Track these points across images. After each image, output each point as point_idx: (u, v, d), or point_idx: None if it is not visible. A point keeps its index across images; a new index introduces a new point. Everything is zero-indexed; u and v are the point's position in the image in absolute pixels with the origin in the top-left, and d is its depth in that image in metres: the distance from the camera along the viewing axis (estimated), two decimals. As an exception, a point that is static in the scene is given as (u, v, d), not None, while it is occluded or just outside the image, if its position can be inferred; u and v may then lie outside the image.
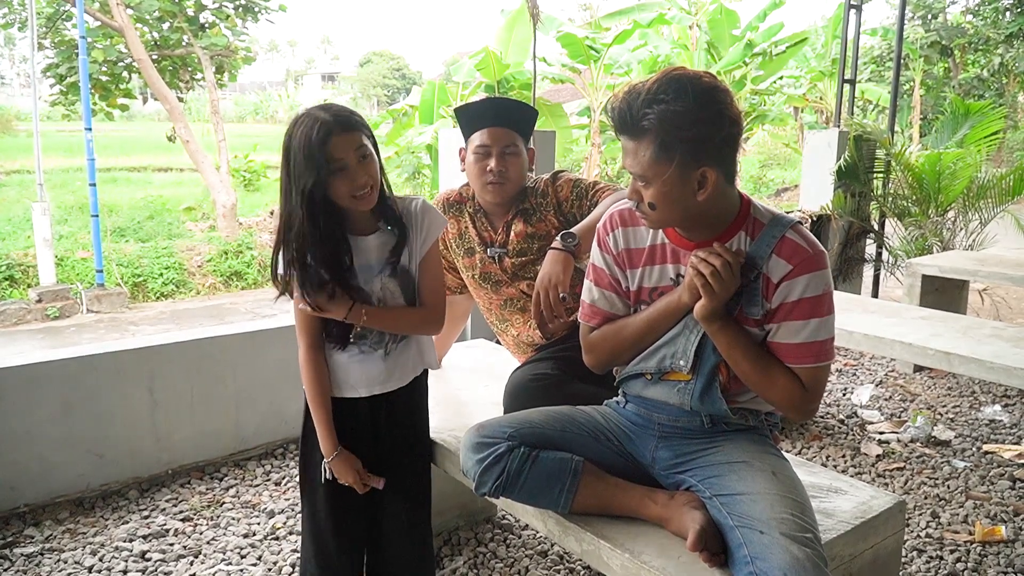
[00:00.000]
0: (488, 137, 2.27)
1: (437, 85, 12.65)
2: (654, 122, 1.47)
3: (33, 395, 2.83)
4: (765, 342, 1.62)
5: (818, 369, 1.59)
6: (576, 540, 1.70)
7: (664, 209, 1.55)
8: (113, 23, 9.88)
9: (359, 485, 1.93)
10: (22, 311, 7.45)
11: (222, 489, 3.07)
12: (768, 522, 1.42)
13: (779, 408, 1.65)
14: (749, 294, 1.59)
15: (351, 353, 1.90)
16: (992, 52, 19.04)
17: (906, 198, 5.96)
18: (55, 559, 2.58)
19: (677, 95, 1.46)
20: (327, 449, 1.91)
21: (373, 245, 1.85)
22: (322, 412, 1.90)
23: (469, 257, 2.43)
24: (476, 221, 2.42)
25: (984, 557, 2.65)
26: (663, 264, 1.69)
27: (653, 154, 1.50)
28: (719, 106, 1.48)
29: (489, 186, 2.29)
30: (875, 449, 3.48)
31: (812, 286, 1.56)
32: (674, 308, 1.65)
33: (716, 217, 1.59)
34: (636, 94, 1.50)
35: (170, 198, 12.87)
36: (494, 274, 2.40)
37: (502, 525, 2.82)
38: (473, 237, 2.41)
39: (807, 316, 1.56)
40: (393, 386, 1.95)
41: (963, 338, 3.29)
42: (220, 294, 9.07)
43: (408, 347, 1.97)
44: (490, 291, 2.44)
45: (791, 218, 1.62)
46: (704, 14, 14.23)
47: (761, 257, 1.57)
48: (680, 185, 1.51)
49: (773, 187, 17.84)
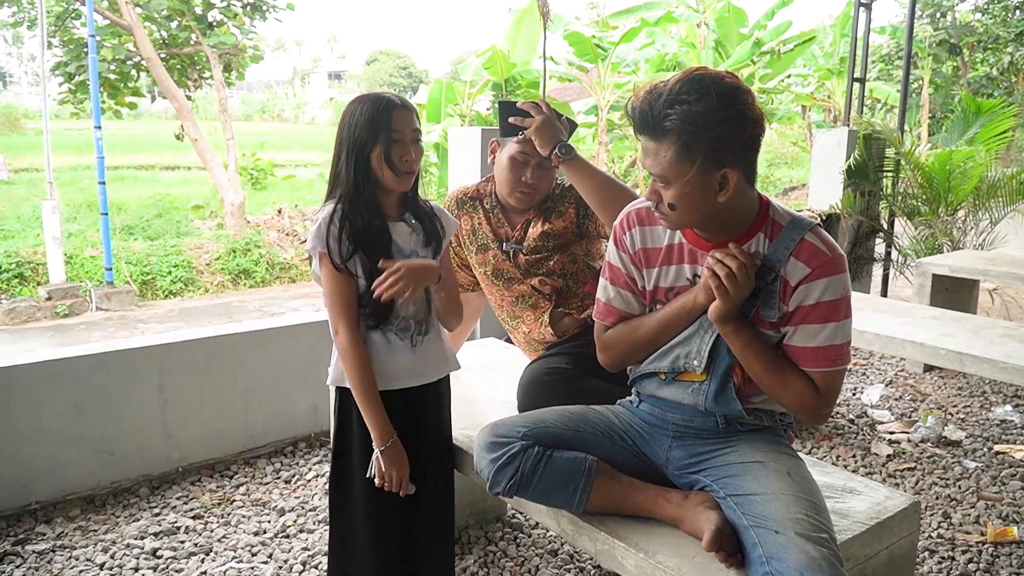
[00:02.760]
0: (530, 148, 2.23)
1: (444, 84, 12.67)
2: (676, 122, 1.45)
3: (43, 393, 2.83)
4: (781, 345, 1.61)
5: (834, 374, 1.58)
6: (590, 539, 1.69)
7: (684, 210, 1.54)
8: (122, 21, 9.90)
9: (405, 483, 1.87)
10: (32, 309, 7.48)
11: (232, 487, 3.08)
12: (783, 522, 1.41)
13: (792, 412, 1.64)
14: (766, 296, 1.58)
15: (382, 343, 1.88)
16: (1001, 51, 18.94)
17: (916, 197, 5.93)
18: (67, 556, 2.59)
19: (700, 96, 1.45)
20: (382, 435, 1.83)
21: (400, 233, 1.90)
22: (372, 397, 1.83)
23: (482, 253, 2.43)
24: (492, 217, 2.41)
25: (996, 558, 2.63)
26: (680, 264, 1.68)
27: (675, 155, 1.48)
28: (741, 106, 1.47)
29: (518, 194, 2.31)
30: (886, 449, 3.46)
31: (830, 290, 1.55)
32: (689, 308, 1.64)
33: (735, 218, 1.58)
34: (657, 94, 1.49)
35: (178, 196, 12.90)
36: (507, 271, 2.40)
37: (512, 524, 2.81)
38: (487, 233, 2.41)
39: (824, 320, 1.55)
40: (421, 380, 1.94)
41: (975, 338, 3.28)
42: (228, 292, 9.09)
43: (433, 342, 1.97)
44: (502, 288, 2.43)
45: (810, 221, 1.60)
46: (712, 12, 14.20)
47: (779, 260, 1.56)
48: (701, 186, 1.50)
49: (780, 186, 17.80)
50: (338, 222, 1.82)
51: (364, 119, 1.81)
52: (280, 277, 9.63)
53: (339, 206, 1.84)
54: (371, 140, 1.80)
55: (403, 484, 1.87)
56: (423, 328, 1.94)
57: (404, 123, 1.83)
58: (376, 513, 1.94)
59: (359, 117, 1.82)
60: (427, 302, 1.95)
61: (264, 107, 39.57)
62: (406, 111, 1.84)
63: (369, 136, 1.80)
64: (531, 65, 12.11)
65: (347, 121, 1.84)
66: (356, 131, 1.81)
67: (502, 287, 2.43)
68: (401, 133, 1.82)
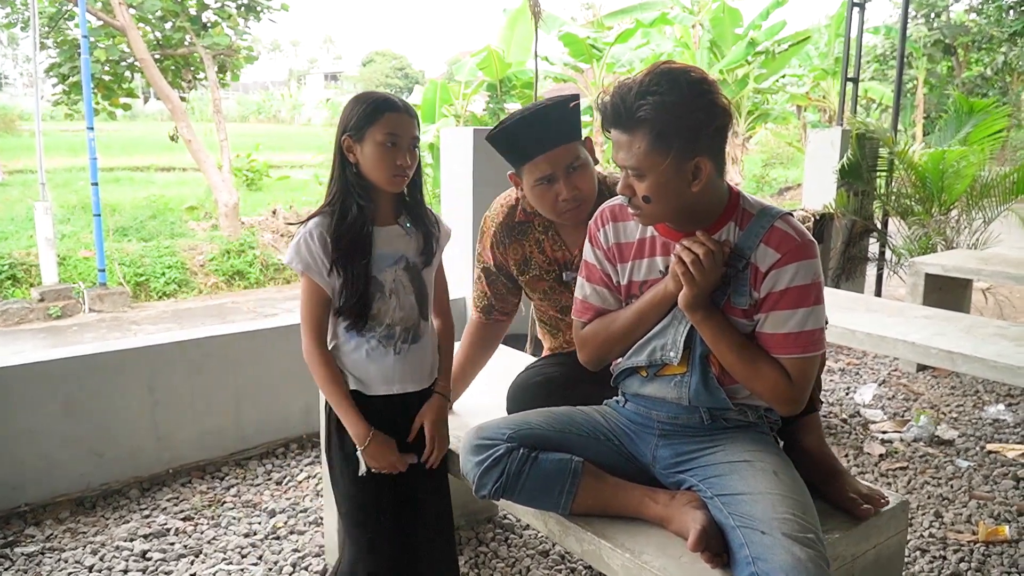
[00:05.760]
0: (547, 166, 1.95)
1: (439, 84, 12.67)
2: (650, 112, 1.48)
3: (34, 394, 2.82)
4: (753, 334, 1.61)
5: (805, 360, 1.58)
6: (577, 540, 1.69)
7: (659, 202, 1.55)
8: (115, 23, 9.87)
9: (401, 463, 1.86)
10: (24, 310, 7.45)
11: (223, 488, 3.07)
12: (770, 522, 1.41)
13: (765, 400, 1.64)
14: (737, 284, 1.59)
15: (365, 350, 1.86)
16: (995, 50, 19.01)
17: (909, 197, 5.95)
18: (56, 558, 2.57)
19: (671, 86, 1.48)
20: (360, 435, 1.83)
21: (390, 236, 1.88)
22: (344, 399, 1.84)
23: (537, 282, 2.18)
24: (547, 242, 2.13)
25: (988, 557, 2.63)
26: (652, 257, 1.70)
27: (649, 145, 1.50)
28: (712, 95, 1.50)
29: (567, 213, 2.00)
30: (878, 448, 3.46)
31: (800, 275, 1.55)
32: (660, 297, 1.65)
33: (706, 209, 1.60)
34: (628, 88, 1.51)
35: (172, 197, 12.86)
36: (564, 299, 2.14)
37: (503, 524, 2.81)
38: (541, 264, 2.14)
39: (795, 306, 1.56)
40: (409, 387, 1.92)
41: (967, 337, 3.28)
42: (222, 293, 9.06)
43: (421, 349, 1.93)
44: (556, 314, 2.22)
45: (780, 209, 1.63)
46: (707, 13, 14.23)
47: (749, 247, 1.58)
48: (676, 176, 1.52)
49: (776, 186, 17.81)
50: (316, 239, 1.80)
51: (361, 117, 1.78)
52: (274, 278, 9.62)
53: (322, 217, 1.82)
54: (365, 139, 1.78)
55: (399, 463, 1.87)
56: (410, 335, 1.91)
57: (402, 127, 1.79)
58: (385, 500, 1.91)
59: (355, 114, 1.80)
60: (418, 309, 1.92)
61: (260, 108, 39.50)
62: (407, 115, 1.81)
63: (364, 135, 1.78)
64: (526, 65, 12.11)
65: (345, 117, 1.82)
66: (350, 127, 1.80)
67: (556, 312, 2.22)
68: (398, 137, 1.78)
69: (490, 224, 2.20)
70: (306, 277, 1.83)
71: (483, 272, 2.26)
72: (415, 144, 1.83)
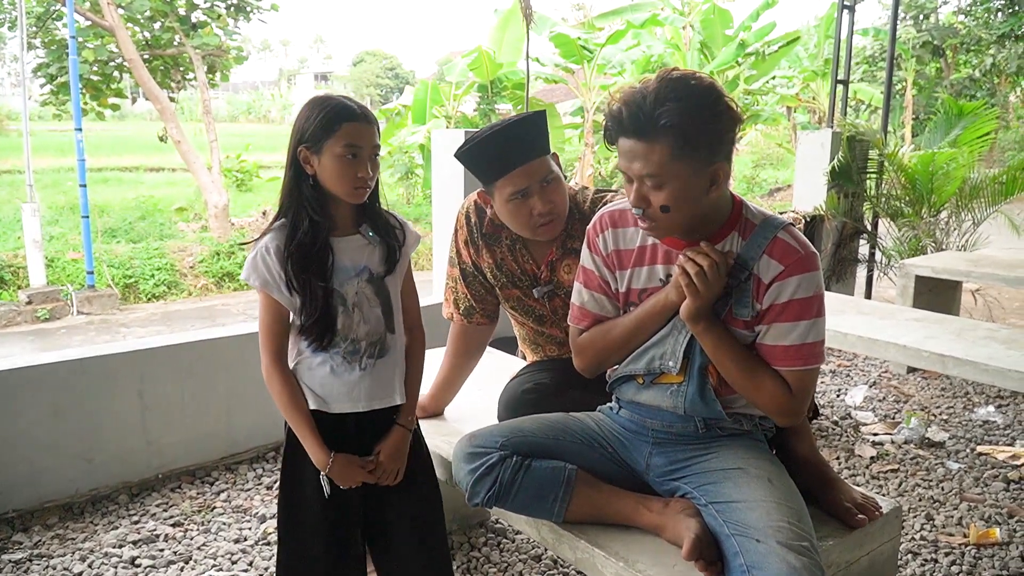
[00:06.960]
0: (520, 179, 1.94)
1: (430, 85, 12.67)
2: (674, 119, 1.43)
3: (22, 399, 2.79)
4: (754, 345, 1.61)
5: (805, 373, 1.58)
6: (570, 548, 1.68)
7: (678, 210, 1.51)
8: (104, 23, 9.83)
9: (369, 477, 1.78)
10: (12, 313, 7.41)
11: (213, 494, 3.05)
12: (764, 530, 1.40)
13: (765, 412, 1.64)
14: (739, 295, 1.58)
15: (330, 366, 1.77)
16: (984, 52, 19.13)
17: (899, 198, 5.96)
18: (44, 565, 2.55)
19: (688, 93, 1.45)
20: (320, 459, 1.74)
21: (351, 247, 1.78)
22: (304, 420, 1.75)
23: (507, 290, 2.19)
24: (516, 254, 2.15)
25: (979, 560, 2.64)
26: (652, 265, 1.68)
27: (671, 153, 1.45)
28: (726, 101, 1.48)
29: (540, 228, 2.00)
30: (869, 451, 3.47)
31: (803, 287, 1.55)
32: (661, 307, 1.64)
33: (712, 217, 1.58)
34: (641, 95, 1.47)
35: (162, 198, 12.81)
36: (537, 309, 2.18)
37: (495, 530, 2.80)
38: (513, 270, 2.16)
39: (797, 318, 1.55)
40: (378, 404, 1.80)
41: (957, 340, 3.29)
42: (212, 295, 9.03)
43: (389, 363, 1.82)
44: (531, 323, 2.23)
45: (783, 219, 1.61)
46: (697, 14, 14.26)
47: (752, 258, 1.57)
48: (696, 183, 1.49)
49: (766, 187, 17.88)
50: (273, 254, 1.70)
51: (318, 127, 1.65)
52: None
53: (277, 231, 1.73)
54: (324, 151, 1.65)
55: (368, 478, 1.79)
56: (376, 350, 1.79)
57: (362, 137, 1.67)
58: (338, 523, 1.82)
59: (311, 123, 1.66)
60: (384, 322, 1.81)
61: (250, 108, 39.37)
62: (366, 123, 1.68)
63: (322, 147, 1.65)
64: (517, 66, 12.12)
65: (298, 126, 1.68)
66: (306, 138, 1.67)
67: (531, 323, 2.23)
68: (359, 148, 1.66)
69: (463, 222, 2.20)
70: (264, 293, 1.74)
71: (461, 274, 2.24)
72: (376, 153, 1.72)
